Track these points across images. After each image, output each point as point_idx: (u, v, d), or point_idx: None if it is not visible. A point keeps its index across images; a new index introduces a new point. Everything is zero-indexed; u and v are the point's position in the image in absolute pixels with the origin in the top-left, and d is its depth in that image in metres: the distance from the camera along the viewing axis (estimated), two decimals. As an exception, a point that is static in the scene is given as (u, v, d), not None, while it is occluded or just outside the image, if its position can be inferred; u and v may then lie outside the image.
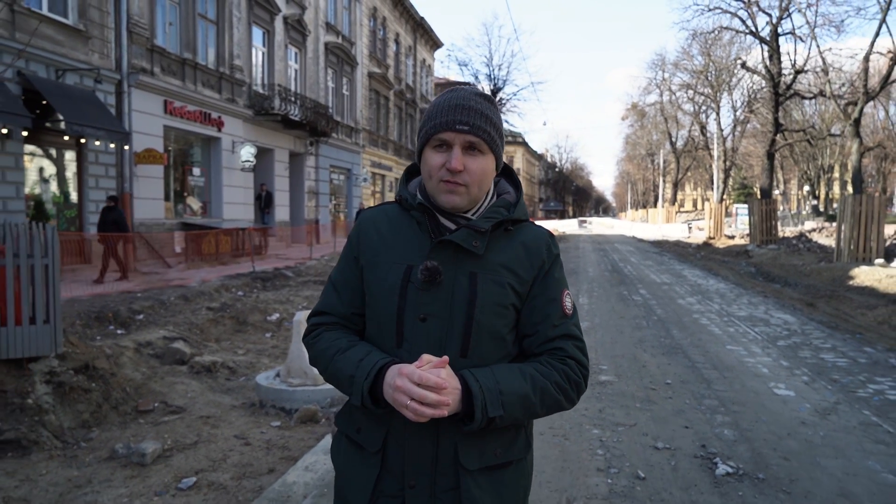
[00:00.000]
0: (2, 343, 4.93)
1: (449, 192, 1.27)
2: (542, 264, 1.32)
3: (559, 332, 1.30)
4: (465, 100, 1.29)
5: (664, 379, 5.38)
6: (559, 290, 1.32)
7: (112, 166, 12.60)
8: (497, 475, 1.28)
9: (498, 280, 1.27)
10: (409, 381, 1.13)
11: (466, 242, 1.26)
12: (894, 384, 5.25)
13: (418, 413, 1.13)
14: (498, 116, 1.33)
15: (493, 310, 1.26)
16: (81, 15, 11.78)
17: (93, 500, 3.78)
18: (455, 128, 1.25)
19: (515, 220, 1.34)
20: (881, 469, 3.48)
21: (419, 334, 1.26)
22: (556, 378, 1.26)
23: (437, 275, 1.24)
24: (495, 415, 1.18)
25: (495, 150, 1.31)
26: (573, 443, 3.90)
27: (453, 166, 1.24)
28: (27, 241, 5.06)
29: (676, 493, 3.19)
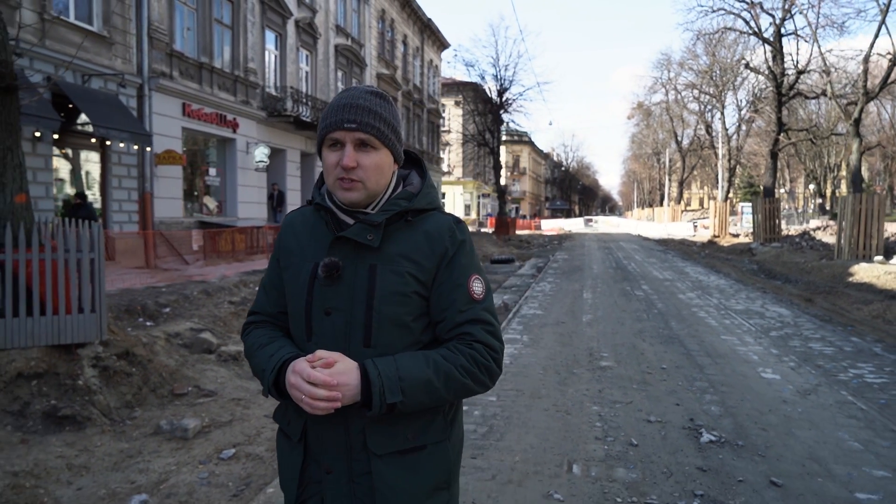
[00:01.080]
0: (54, 330, 5.42)
1: (345, 190, 1.31)
2: (444, 251, 1.34)
3: (466, 317, 1.32)
4: (355, 98, 1.32)
5: (660, 364, 5.82)
6: (465, 276, 1.34)
7: (134, 167, 13.12)
8: (411, 459, 1.31)
9: (396, 270, 1.31)
10: (301, 379, 1.20)
11: (360, 237, 1.31)
12: (874, 369, 5.66)
13: (313, 407, 1.20)
14: (390, 112, 1.36)
15: (393, 299, 1.29)
16: (105, 22, 12.30)
17: (145, 467, 4.25)
18: (344, 126, 1.29)
19: (418, 210, 1.37)
20: (849, 438, 3.90)
21: (325, 328, 1.32)
22: (462, 362, 1.28)
23: (335, 269, 1.30)
24: (394, 401, 1.22)
25: (389, 145, 1.34)
26: (574, 417, 4.34)
27: (345, 163, 1.28)
28: (76, 238, 5.55)
29: (664, 456, 3.62)
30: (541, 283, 12.86)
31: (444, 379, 1.26)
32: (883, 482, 3.27)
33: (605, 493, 3.15)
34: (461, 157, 47.16)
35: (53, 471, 4.15)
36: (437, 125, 39.94)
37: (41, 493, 3.87)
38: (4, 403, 4.97)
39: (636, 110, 56.73)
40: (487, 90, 34.37)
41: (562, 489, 3.20)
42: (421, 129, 35.74)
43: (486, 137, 34.13)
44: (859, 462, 3.53)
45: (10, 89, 5.48)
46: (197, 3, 15.26)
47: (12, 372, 5.14)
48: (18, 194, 5.57)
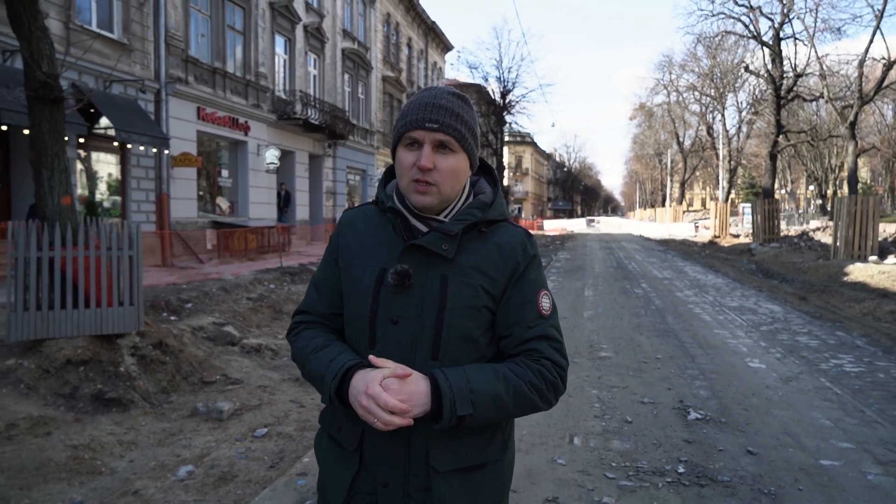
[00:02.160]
0: (97, 321, 5.91)
1: (419, 193, 1.27)
2: (516, 265, 1.31)
3: (534, 334, 1.29)
4: (437, 98, 1.29)
5: (655, 355, 6.28)
6: (535, 291, 1.32)
7: (151, 169, 13.62)
8: (470, 477, 1.28)
9: (469, 282, 1.27)
10: (375, 404, 1.16)
11: (435, 246, 1.27)
12: (853, 360, 6.11)
13: (385, 429, 1.18)
14: (471, 115, 1.32)
15: (464, 312, 1.26)
16: (125, 29, 12.79)
17: (187, 443, 4.72)
18: (425, 126, 1.25)
19: (490, 221, 1.34)
20: (821, 417, 4.36)
21: (391, 337, 1.27)
22: (531, 377, 1.26)
23: (406, 278, 1.26)
24: (465, 413, 1.19)
25: (467, 149, 1.30)
26: (576, 399, 4.81)
27: (423, 164, 1.24)
28: (116, 236, 6.03)
29: (655, 430, 4.08)
30: (544, 282, 13.30)
31: (513, 394, 1.23)
32: (846, 452, 3.73)
33: (601, 460, 3.61)
34: (464, 158, 47.51)
35: (106, 445, 4.62)
36: (441, 126, 40.33)
37: (98, 464, 4.34)
38: (56, 387, 5.45)
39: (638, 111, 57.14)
40: (491, 92, 34.85)
41: (564, 456, 3.67)
42: (425, 130, 36.17)
43: (489, 139, 34.59)
44: (828, 436, 3.99)
45: (57, 100, 5.96)
46: (211, 10, 15.75)
47: (62, 359, 5.62)
48: (64, 196, 6.06)
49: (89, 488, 3.97)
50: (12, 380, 5.37)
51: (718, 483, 3.30)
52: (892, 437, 3.96)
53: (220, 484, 4.01)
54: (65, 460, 4.29)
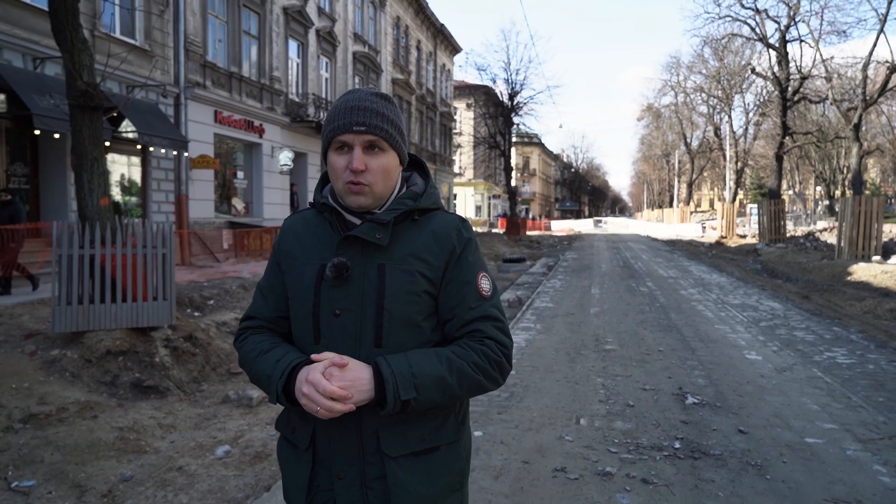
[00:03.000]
0: (133, 314, 6.33)
1: (354, 194, 1.30)
2: (452, 249, 1.34)
3: (476, 314, 1.32)
4: (361, 100, 1.31)
5: (657, 347, 6.63)
6: (474, 273, 1.34)
7: (171, 170, 14.07)
8: (425, 460, 1.30)
9: (406, 269, 1.30)
10: (315, 391, 1.18)
11: (369, 235, 1.29)
12: (846, 353, 6.43)
13: (327, 416, 1.20)
14: (395, 113, 1.36)
15: (404, 298, 1.29)
16: (147, 36, 13.25)
17: (222, 427, 5.11)
18: (353, 129, 1.28)
19: (423, 210, 1.37)
20: (810, 403, 4.70)
21: (335, 329, 1.30)
22: (474, 358, 1.28)
23: (344, 270, 1.28)
24: (408, 397, 1.21)
25: (396, 147, 1.33)
26: (582, 386, 5.17)
27: (355, 167, 1.27)
28: (151, 235, 6.45)
29: (655, 413, 4.44)
30: (551, 280, 13.67)
31: (456, 375, 1.26)
32: (829, 432, 4.07)
33: (605, 437, 3.97)
34: (472, 159, 47.96)
35: (148, 428, 5.02)
36: (450, 128, 40.79)
37: (143, 444, 4.74)
38: (98, 375, 5.88)
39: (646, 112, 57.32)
40: (499, 94, 35.17)
41: (571, 434, 4.03)
42: (434, 131, 36.59)
43: (497, 140, 34.91)
44: (814, 418, 4.33)
45: (96, 108, 6.39)
46: (227, 16, 16.20)
47: (102, 349, 6.05)
48: (103, 198, 6.48)
49: (137, 465, 4.36)
50: (58, 368, 5.80)
51: (710, 456, 3.65)
52: (874, 420, 4.29)
53: (255, 461, 4.39)
54: (112, 440, 4.69)
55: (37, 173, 11.50)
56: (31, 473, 4.08)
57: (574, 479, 3.35)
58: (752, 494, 3.16)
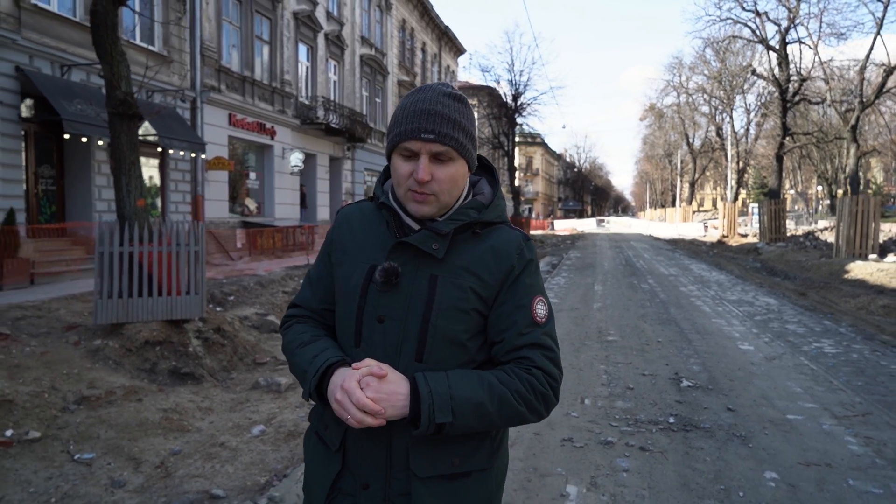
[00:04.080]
0: (167, 307, 6.80)
1: (417, 203, 1.24)
2: (510, 269, 1.27)
3: (527, 341, 1.24)
4: (432, 104, 1.23)
5: (656, 339, 7.09)
6: (529, 297, 1.28)
7: (188, 172, 14.57)
8: (454, 485, 1.25)
9: (458, 283, 1.24)
10: (348, 400, 1.14)
11: (424, 245, 1.24)
12: (834, 344, 6.87)
13: (357, 426, 1.15)
14: (468, 118, 1.28)
15: (452, 314, 1.23)
16: (165, 42, 13.74)
17: (255, 409, 5.58)
18: (420, 136, 1.21)
19: (486, 223, 1.30)
20: (795, 386, 5.15)
21: (376, 335, 1.25)
22: (518, 387, 1.21)
23: (393, 276, 1.23)
24: (443, 421, 1.16)
25: (466, 155, 1.26)
26: (586, 372, 5.63)
27: (420, 177, 1.21)
28: (184, 234, 6.92)
29: (653, 394, 4.89)
30: (556, 278, 14.12)
31: (497, 403, 1.19)
32: (809, 410, 4.52)
33: (607, 414, 4.43)
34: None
35: (189, 410, 5.48)
36: (454, 128, 41.16)
37: (185, 424, 5.20)
38: (138, 363, 6.36)
39: (648, 112, 57.66)
40: (503, 95, 35.58)
41: (577, 411, 4.49)
42: (438, 132, 37.00)
43: (500, 140, 35.33)
44: (796, 399, 4.78)
45: (133, 116, 6.87)
46: (240, 22, 16.70)
47: (141, 340, 6.53)
48: (139, 199, 6.96)
49: (182, 441, 4.83)
50: (102, 356, 6.28)
51: (701, 429, 4.11)
52: (850, 400, 4.74)
53: (289, 439, 4.86)
54: (158, 420, 5.16)
55: (62, 175, 11.99)
56: (90, 448, 4.55)
57: (580, 447, 3.81)
58: (735, 459, 3.61)
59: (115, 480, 4.11)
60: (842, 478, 3.36)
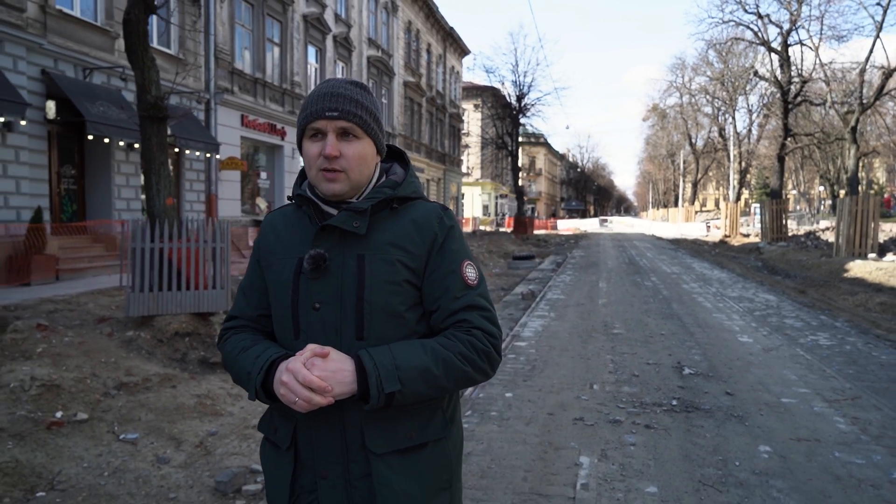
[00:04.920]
0: (194, 301, 7.16)
1: (328, 181, 1.27)
2: (434, 237, 1.30)
3: (462, 304, 1.28)
4: (335, 87, 1.29)
5: (660, 331, 7.44)
6: (458, 262, 1.31)
7: (202, 172, 14.95)
8: (412, 457, 1.27)
9: (386, 258, 1.27)
10: (294, 380, 1.15)
11: (346, 224, 1.26)
12: (829, 336, 7.21)
13: (306, 408, 1.16)
14: (371, 101, 1.32)
15: (385, 288, 1.25)
16: (181, 46, 14.12)
17: (282, 395, 5.96)
18: (325, 115, 1.25)
19: (403, 199, 1.34)
20: (790, 374, 5.49)
21: (314, 323, 1.27)
22: (461, 349, 1.24)
23: (321, 261, 1.25)
24: (392, 390, 1.18)
25: (371, 134, 1.30)
26: (593, 361, 5.98)
27: (328, 152, 1.24)
28: (210, 231, 7.28)
29: (656, 381, 5.24)
30: (561, 276, 14.47)
31: (442, 366, 1.23)
32: (802, 394, 4.87)
33: (615, 397, 4.78)
34: (480, 159, 48.74)
35: (220, 396, 5.84)
36: (458, 129, 41.61)
37: (218, 408, 5.56)
38: (169, 353, 6.73)
39: (651, 112, 57.96)
40: (507, 95, 35.92)
41: (586, 395, 4.85)
42: (443, 132, 37.40)
43: (504, 141, 35.67)
44: (791, 385, 5.12)
45: (163, 119, 7.24)
46: (252, 25, 17.07)
47: (171, 331, 6.90)
48: (168, 198, 7.33)
49: (217, 424, 5.18)
50: (135, 347, 6.65)
51: (701, 410, 4.45)
52: (841, 386, 5.08)
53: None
54: (193, 405, 5.52)
55: (83, 174, 12.37)
56: (133, 429, 4.91)
57: (591, 425, 4.17)
58: (732, 435, 3.96)
59: (160, 457, 4.46)
60: (829, 451, 3.71)
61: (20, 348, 6.08)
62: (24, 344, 6.16)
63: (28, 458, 4.11)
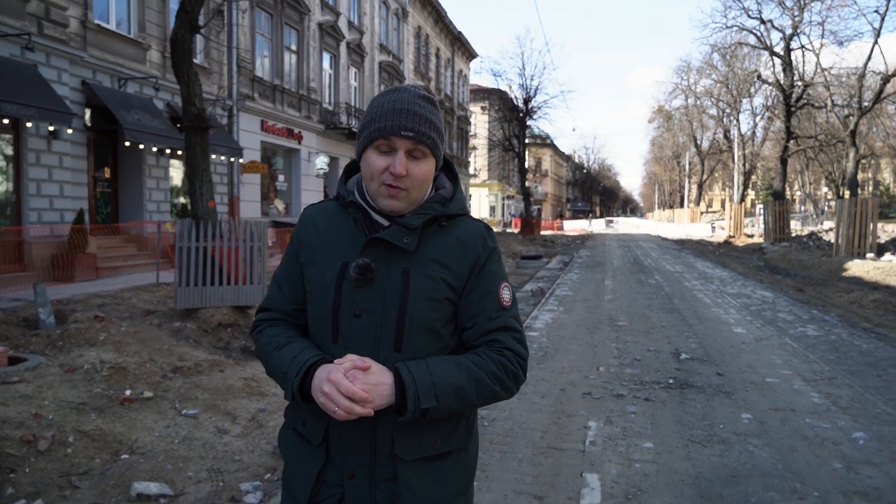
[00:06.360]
0: (234, 295, 7.83)
1: (391, 198, 1.29)
2: (476, 258, 1.34)
3: (496, 325, 1.32)
4: (410, 104, 1.30)
5: (661, 324, 8.08)
6: (495, 284, 1.35)
7: (225, 175, 15.66)
8: (436, 465, 1.32)
9: (430, 275, 1.30)
10: (336, 391, 1.17)
11: (397, 239, 1.28)
12: (817, 328, 7.82)
13: (344, 417, 1.19)
14: (439, 119, 1.35)
15: (426, 304, 1.29)
16: (206, 55, 14.84)
17: (318, 379, 6.63)
18: (400, 133, 1.27)
19: (450, 216, 1.36)
20: (776, 359, 6.12)
21: (354, 330, 1.29)
22: (492, 369, 1.29)
23: (368, 272, 1.28)
24: (428, 405, 1.22)
25: (437, 154, 1.34)
26: (599, 348, 6.63)
27: (398, 171, 1.26)
28: (249, 231, 7.96)
29: (656, 364, 5.89)
30: (568, 274, 15.11)
31: (475, 385, 1.27)
32: (785, 375, 5.50)
33: (618, 377, 5.43)
34: (486, 161, 49.40)
35: (264, 379, 6.49)
36: (466, 131, 42.29)
37: (263, 389, 6.22)
38: (214, 342, 7.40)
39: (657, 114, 58.41)
40: (514, 98, 36.54)
41: (593, 375, 5.51)
42: (451, 135, 38.07)
43: (511, 143, 36.28)
44: (776, 368, 5.75)
45: (206, 129, 7.92)
46: (272, 33, 17.79)
47: (214, 322, 7.58)
48: (210, 200, 8.01)
49: (265, 402, 5.84)
50: (183, 336, 7.33)
51: (694, 387, 5.10)
52: (821, 369, 5.71)
53: (353, 400, 5.88)
54: (241, 386, 6.18)
55: (116, 178, 13.10)
56: (192, 405, 5.57)
57: (597, 398, 4.82)
58: (720, 406, 4.60)
59: (220, 428, 5.13)
60: (801, 418, 4.34)
61: (84, 336, 6.79)
62: (87, 333, 6.86)
63: (109, 428, 4.79)
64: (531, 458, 3.65)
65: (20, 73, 9.43)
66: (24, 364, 5.70)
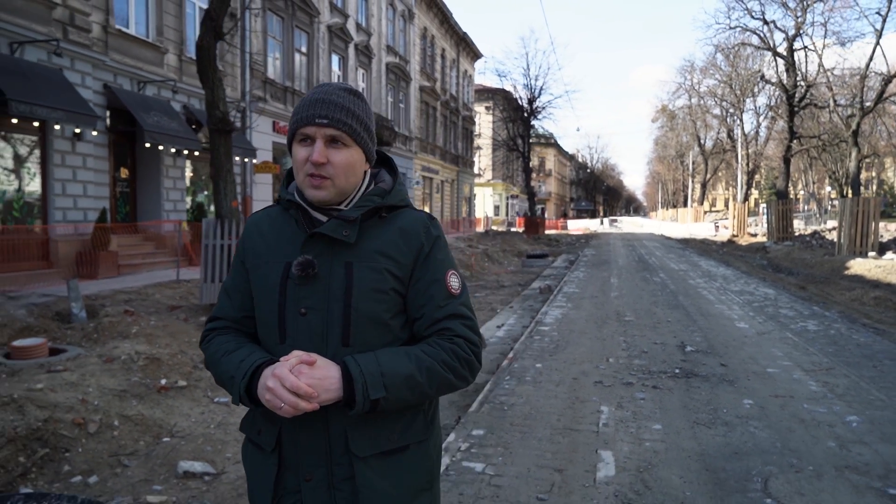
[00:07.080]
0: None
1: (314, 187, 1.28)
2: (420, 247, 1.33)
3: (445, 313, 1.32)
4: (327, 94, 1.30)
5: (666, 319, 8.39)
6: (442, 271, 1.34)
7: (238, 175, 15.99)
8: (394, 460, 1.30)
9: (374, 266, 1.29)
10: (280, 385, 1.16)
11: (336, 232, 1.28)
12: (817, 323, 8.12)
13: (291, 413, 1.17)
14: (363, 109, 1.33)
15: (371, 296, 1.28)
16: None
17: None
18: (315, 121, 1.26)
19: (391, 207, 1.36)
20: (776, 351, 6.43)
21: (300, 329, 1.28)
22: (444, 357, 1.28)
23: (310, 268, 1.27)
24: (377, 396, 1.20)
25: (360, 143, 1.32)
26: (608, 341, 6.95)
27: (315, 159, 1.25)
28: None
29: (663, 356, 6.20)
30: (574, 272, 15.42)
31: (426, 374, 1.26)
32: (785, 366, 5.81)
33: (627, 368, 5.75)
34: (491, 160, 49.69)
35: (288, 370, 6.85)
36: (471, 131, 42.60)
37: (288, 380, 6.57)
38: (239, 335, 7.75)
39: (660, 114, 58.60)
40: (518, 98, 36.83)
41: (603, 366, 5.83)
42: (456, 135, 38.39)
43: (516, 143, 36.57)
44: (776, 359, 6.06)
45: (229, 131, 8.25)
46: (283, 36, 18.13)
47: (239, 316, 7.92)
48: (233, 200, 8.34)
49: (291, 391, 6.17)
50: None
51: (699, 377, 5.41)
52: (820, 361, 6.02)
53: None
54: (267, 376, 6.52)
55: (135, 179, 13.46)
56: (223, 394, 5.91)
57: (608, 386, 5.14)
58: (723, 393, 4.92)
59: (253, 415, 5.47)
60: (799, 403, 4.66)
61: (117, 329, 7.14)
62: (119, 326, 7.22)
63: (150, 413, 5.13)
64: (550, 437, 3.97)
65: (48, 77, 9.79)
66: (65, 354, 6.06)
